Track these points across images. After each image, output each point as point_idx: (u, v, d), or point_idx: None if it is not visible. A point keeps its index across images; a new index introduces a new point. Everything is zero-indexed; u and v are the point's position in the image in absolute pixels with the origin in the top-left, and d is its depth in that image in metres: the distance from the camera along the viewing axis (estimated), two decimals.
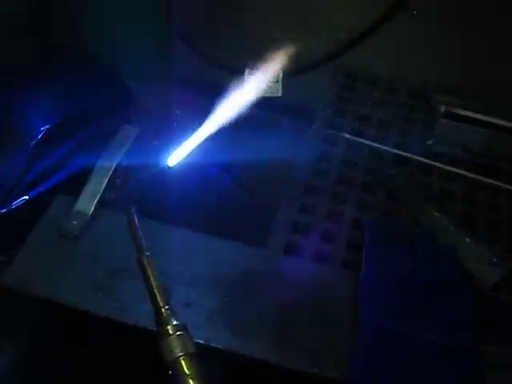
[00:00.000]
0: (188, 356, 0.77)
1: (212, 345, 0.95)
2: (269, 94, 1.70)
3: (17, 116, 1.22)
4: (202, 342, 0.94)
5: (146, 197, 1.42)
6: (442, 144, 1.44)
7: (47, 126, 1.20)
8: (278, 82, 1.72)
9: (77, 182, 1.15)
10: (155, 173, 0.95)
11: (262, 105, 1.49)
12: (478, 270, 1.18)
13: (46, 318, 1.17)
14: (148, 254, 0.86)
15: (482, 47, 1.82)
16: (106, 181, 1.14)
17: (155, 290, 0.83)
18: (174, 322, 0.79)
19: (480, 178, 1.40)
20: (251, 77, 1.72)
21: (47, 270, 1.02)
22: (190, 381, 0.74)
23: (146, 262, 0.86)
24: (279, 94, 1.70)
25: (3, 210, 1.19)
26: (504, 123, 1.44)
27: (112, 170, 1.16)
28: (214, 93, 2.21)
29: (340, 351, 0.97)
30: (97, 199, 1.12)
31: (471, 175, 1.40)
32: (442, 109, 1.44)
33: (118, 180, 1.21)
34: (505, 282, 1.15)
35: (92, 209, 1.10)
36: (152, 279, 0.84)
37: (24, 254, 1.04)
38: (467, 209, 1.34)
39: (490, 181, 1.39)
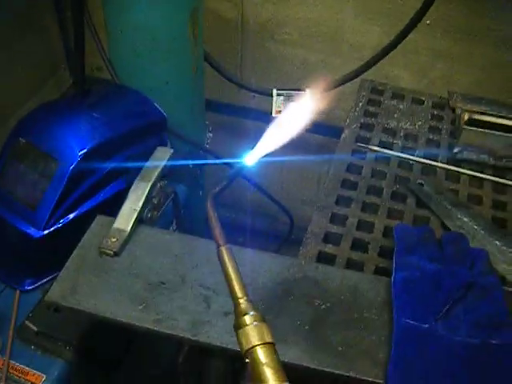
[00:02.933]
0: (265, 345, 0.76)
1: None
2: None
3: (55, 141, 1.28)
4: (238, 349, 0.97)
5: None
6: (468, 151, 1.46)
7: (85, 150, 1.26)
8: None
9: (117, 203, 1.20)
10: (234, 172, 0.97)
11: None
12: (508, 272, 1.20)
13: (91, 330, 1.22)
14: (228, 245, 0.86)
15: (503, 54, 1.85)
16: (142, 199, 1.19)
17: (234, 282, 0.83)
18: (252, 313, 0.79)
19: (507, 181, 1.42)
20: (279, 98, 1.76)
21: (89, 285, 1.06)
22: (266, 369, 0.75)
23: (224, 252, 0.85)
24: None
25: (46, 231, 1.25)
26: None
27: (148, 189, 1.21)
28: (244, 114, 2.28)
29: (374, 354, 0.98)
30: (135, 217, 1.16)
31: (498, 179, 1.42)
32: (466, 117, 1.46)
33: (154, 199, 1.26)
34: None
35: (130, 226, 1.14)
36: (231, 270, 0.84)
37: (67, 272, 1.08)
38: (496, 212, 1.35)
39: None
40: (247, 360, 0.77)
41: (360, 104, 1.64)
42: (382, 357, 0.98)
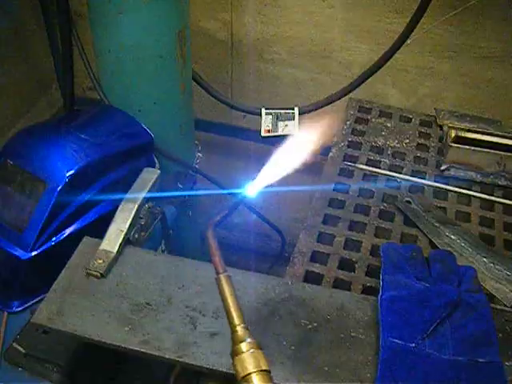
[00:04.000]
0: (260, 372, 0.78)
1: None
2: (286, 132, 1.75)
3: (42, 163, 1.28)
4: (225, 370, 0.97)
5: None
6: (455, 168, 1.47)
7: (72, 171, 1.26)
8: (294, 120, 1.77)
9: (103, 225, 1.19)
10: (235, 202, 0.99)
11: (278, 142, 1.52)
12: (497, 289, 1.20)
13: (80, 352, 1.21)
14: (227, 273, 0.87)
15: (490, 71, 1.87)
16: (129, 221, 1.19)
17: (232, 309, 0.84)
18: (248, 340, 0.81)
19: (495, 198, 1.43)
20: (268, 117, 1.77)
21: (75, 307, 1.06)
22: None
23: (223, 280, 0.87)
24: (296, 132, 1.74)
25: (34, 253, 1.25)
26: None
27: (135, 211, 1.20)
28: (234, 134, 2.29)
29: (362, 374, 0.98)
30: (121, 238, 1.16)
31: (486, 196, 1.43)
32: (453, 134, 1.47)
33: (141, 220, 1.26)
34: None
35: (117, 247, 1.14)
36: (229, 298, 0.85)
37: (53, 294, 1.08)
38: (483, 229, 1.36)
39: (505, 201, 1.41)
40: None
41: (348, 122, 1.64)
42: (370, 377, 0.97)
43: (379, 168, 1.49)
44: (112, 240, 1.16)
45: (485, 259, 1.25)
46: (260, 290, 1.10)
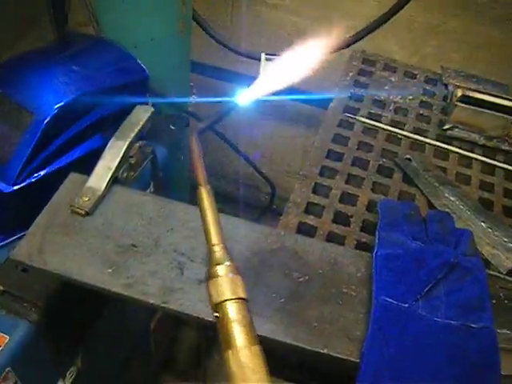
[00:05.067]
0: (237, 300, 0.74)
1: None
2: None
3: (30, 93, 1.22)
4: (211, 319, 0.93)
5: None
6: (458, 129, 1.43)
7: (61, 103, 1.20)
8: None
9: (92, 161, 1.14)
10: (225, 109, 0.93)
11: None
12: (493, 255, 1.17)
13: (60, 291, 1.18)
14: (209, 187, 0.81)
15: (500, 33, 1.82)
16: (118, 158, 1.14)
17: (210, 226, 0.79)
18: (227, 263, 0.75)
19: (496, 163, 1.39)
20: (268, 63, 1.71)
21: (57, 245, 1.02)
22: (236, 326, 0.71)
23: (204, 193, 0.81)
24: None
25: (17, 187, 1.20)
26: None
27: (125, 148, 1.16)
28: (230, 78, 2.24)
29: (351, 332, 0.95)
30: (109, 176, 1.11)
31: (488, 160, 1.39)
32: (459, 93, 1.42)
33: (131, 159, 1.21)
34: None
35: (104, 185, 1.10)
36: (209, 214, 0.80)
37: (35, 230, 1.04)
38: (483, 194, 1.32)
39: (507, 166, 1.38)
40: (216, 314, 0.73)
41: (350, 74, 1.59)
42: (359, 335, 0.94)
43: (380, 122, 1.45)
44: (99, 177, 1.11)
45: (483, 224, 1.21)
46: (251, 239, 1.06)
